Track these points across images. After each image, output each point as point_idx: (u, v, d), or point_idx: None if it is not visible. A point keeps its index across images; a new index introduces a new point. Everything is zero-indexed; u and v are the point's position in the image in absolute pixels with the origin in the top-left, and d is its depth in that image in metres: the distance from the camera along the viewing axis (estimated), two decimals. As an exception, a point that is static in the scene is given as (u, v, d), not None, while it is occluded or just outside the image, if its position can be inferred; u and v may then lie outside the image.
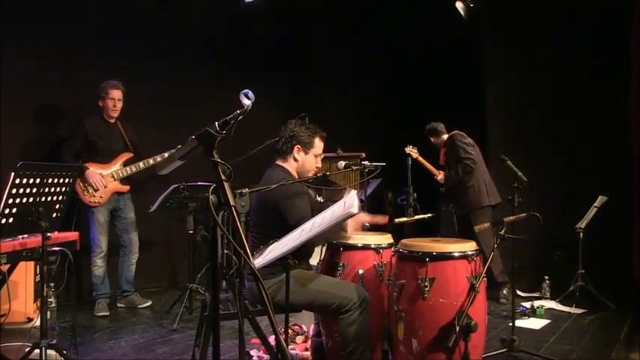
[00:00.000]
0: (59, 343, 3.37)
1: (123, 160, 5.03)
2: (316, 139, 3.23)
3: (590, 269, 5.11)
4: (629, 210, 5.10)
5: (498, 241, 3.29)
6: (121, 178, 4.98)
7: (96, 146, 4.91)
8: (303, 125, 3.22)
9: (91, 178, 4.80)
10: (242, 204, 1.96)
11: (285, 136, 3.22)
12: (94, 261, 4.94)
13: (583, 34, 5.54)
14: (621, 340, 4.17)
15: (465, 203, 5.34)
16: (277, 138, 3.26)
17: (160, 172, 2.06)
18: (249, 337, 3.51)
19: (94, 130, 4.91)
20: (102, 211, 4.95)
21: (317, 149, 3.24)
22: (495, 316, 4.73)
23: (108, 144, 4.97)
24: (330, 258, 3.35)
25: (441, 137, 5.59)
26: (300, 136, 3.19)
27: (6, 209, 2.84)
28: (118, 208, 5.08)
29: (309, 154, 3.21)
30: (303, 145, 3.19)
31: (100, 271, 4.97)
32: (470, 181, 5.27)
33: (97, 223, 4.93)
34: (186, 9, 6.00)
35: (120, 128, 5.06)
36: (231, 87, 3.23)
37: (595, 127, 5.46)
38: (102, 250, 4.97)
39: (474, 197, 5.28)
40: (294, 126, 3.22)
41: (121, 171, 4.97)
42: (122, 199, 5.09)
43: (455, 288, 2.91)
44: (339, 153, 5.40)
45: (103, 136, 4.95)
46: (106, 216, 4.99)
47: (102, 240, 4.96)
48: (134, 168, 4.99)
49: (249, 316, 2.62)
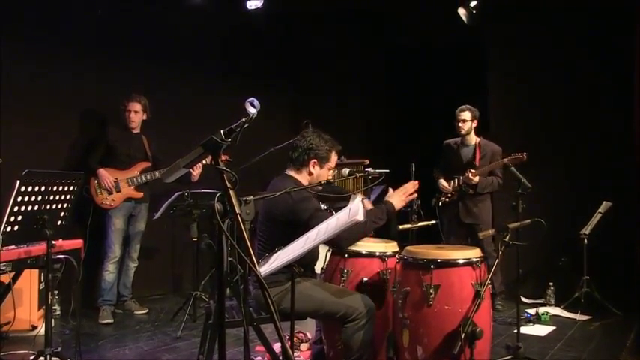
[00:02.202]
0: (64, 351, 3.38)
1: (141, 168, 5.10)
2: (333, 153, 3.18)
3: (594, 275, 5.09)
4: (634, 215, 5.09)
5: (503, 247, 3.29)
6: (136, 185, 5.03)
7: (115, 152, 5.03)
8: (321, 138, 3.14)
9: (102, 179, 4.89)
10: (247, 211, 1.97)
11: (302, 146, 3.13)
12: (106, 266, 4.99)
13: (587, 39, 5.54)
14: (627, 346, 4.15)
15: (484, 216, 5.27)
16: (281, 145, 3.24)
17: (166, 180, 2.07)
18: (253, 344, 3.50)
19: (114, 137, 5.06)
20: (119, 217, 5.01)
21: (332, 163, 3.20)
22: (500, 323, 4.71)
23: (127, 151, 5.07)
24: (334, 264, 3.35)
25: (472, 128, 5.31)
26: (319, 150, 3.11)
27: (11, 217, 2.85)
28: (133, 215, 5.14)
29: (325, 168, 3.16)
30: (320, 160, 3.12)
31: (112, 277, 5.01)
32: None
33: (114, 228, 4.99)
34: (191, 17, 6.03)
35: (143, 139, 5.17)
36: (235, 94, 3.25)
37: (599, 132, 5.46)
38: (115, 256, 5.02)
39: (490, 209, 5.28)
40: (312, 138, 3.12)
41: (136, 178, 5.03)
42: (139, 207, 5.16)
43: (460, 295, 2.90)
44: (343, 160, 5.39)
45: (122, 143, 5.06)
46: (122, 222, 5.05)
47: (117, 246, 5.02)
48: (149, 176, 5.05)
49: (254, 323, 2.62)
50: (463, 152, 5.39)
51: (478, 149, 5.30)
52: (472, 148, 5.34)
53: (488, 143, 5.31)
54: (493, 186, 5.22)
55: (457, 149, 5.42)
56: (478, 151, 5.29)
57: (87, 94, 5.39)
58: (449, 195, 5.37)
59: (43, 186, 2.99)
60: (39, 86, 5.07)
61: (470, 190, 5.25)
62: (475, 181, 5.16)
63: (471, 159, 5.31)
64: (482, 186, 5.21)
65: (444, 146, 5.55)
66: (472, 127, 5.30)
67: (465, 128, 5.28)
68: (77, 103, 5.36)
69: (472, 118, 5.28)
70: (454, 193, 5.34)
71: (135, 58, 5.69)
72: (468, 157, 5.35)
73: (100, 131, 5.20)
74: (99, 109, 5.49)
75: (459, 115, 5.29)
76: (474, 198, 5.26)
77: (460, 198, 5.32)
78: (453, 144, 5.48)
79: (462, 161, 5.35)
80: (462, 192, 5.29)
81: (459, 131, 5.31)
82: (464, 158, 5.36)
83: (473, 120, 5.29)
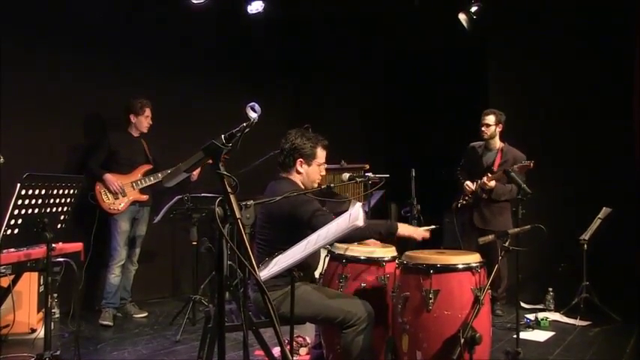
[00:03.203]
0: (63, 354, 3.37)
1: (143, 171, 5.12)
2: (318, 149, 3.17)
3: (594, 281, 5.09)
4: (634, 221, 5.08)
5: (503, 253, 3.29)
6: (140, 188, 5.05)
7: (118, 157, 5.04)
8: (303, 136, 3.15)
9: (109, 183, 4.89)
10: (247, 216, 1.97)
11: (286, 149, 3.16)
12: (112, 269, 4.99)
13: (587, 42, 5.55)
14: (627, 353, 4.14)
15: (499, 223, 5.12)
16: (279, 150, 3.24)
17: (167, 184, 2.07)
18: (252, 348, 3.49)
19: (116, 142, 5.06)
20: (124, 220, 5.03)
21: (320, 159, 3.19)
22: (499, 328, 4.70)
23: (129, 155, 5.09)
24: (332, 270, 3.35)
25: (496, 132, 5.22)
26: (302, 148, 3.13)
27: (11, 220, 2.85)
28: (137, 218, 5.15)
29: (313, 165, 3.17)
30: (306, 158, 3.14)
31: (117, 280, 5.02)
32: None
33: (120, 232, 5.00)
34: (192, 21, 6.04)
35: (143, 143, 5.19)
36: (235, 98, 3.26)
37: (599, 138, 5.46)
38: (122, 259, 5.03)
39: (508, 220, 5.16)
40: (294, 138, 3.15)
41: (140, 180, 5.05)
42: (142, 210, 5.18)
43: (459, 300, 2.90)
44: (343, 165, 5.39)
45: (125, 147, 5.07)
46: (127, 225, 5.06)
47: (123, 249, 5.03)
48: (152, 178, 5.07)
49: (254, 327, 2.62)
50: (485, 156, 5.32)
51: (500, 154, 5.22)
52: (494, 153, 5.27)
53: (511, 149, 5.22)
54: (512, 194, 5.06)
55: (481, 153, 5.35)
56: (499, 157, 5.21)
57: (87, 97, 5.38)
58: (466, 197, 5.30)
59: (44, 189, 2.99)
60: (37, 89, 5.05)
61: (484, 195, 5.18)
62: (490, 186, 5.06)
63: (490, 164, 5.24)
64: (499, 192, 5.11)
65: (469, 148, 5.49)
66: (496, 131, 5.22)
67: (489, 132, 5.21)
68: (76, 106, 5.34)
69: (496, 122, 5.20)
70: (470, 196, 5.27)
71: (136, 61, 5.72)
72: (489, 161, 5.27)
73: (101, 135, 5.20)
74: (99, 112, 5.49)
75: (483, 118, 5.23)
76: (490, 204, 5.19)
77: (476, 203, 5.25)
78: (477, 147, 5.40)
79: (482, 165, 5.28)
80: (477, 196, 5.23)
81: (482, 135, 5.24)
82: (485, 162, 5.29)
83: (497, 124, 5.21)
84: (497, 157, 5.22)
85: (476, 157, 5.38)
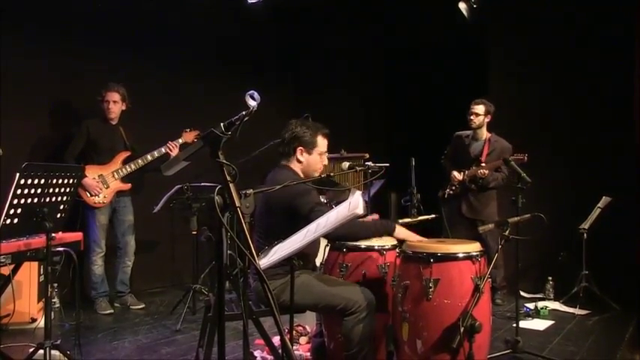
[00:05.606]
0: (63, 344, 3.38)
1: (122, 158, 5.06)
2: (318, 137, 3.18)
3: (594, 270, 5.11)
4: (633, 210, 5.08)
5: (502, 242, 3.29)
6: (122, 177, 5.01)
7: (97, 147, 4.97)
8: (303, 125, 3.16)
9: (90, 189, 4.84)
10: (247, 205, 1.97)
11: (286, 137, 3.17)
12: (94, 260, 4.97)
13: (588, 39, 5.52)
14: (626, 341, 4.16)
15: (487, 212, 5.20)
16: (280, 139, 3.24)
17: (166, 173, 2.07)
18: (252, 337, 3.50)
19: (94, 131, 4.97)
20: (103, 211, 4.98)
21: (321, 147, 3.19)
22: (499, 317, 4.72)
23: (109, 145, 5.02)
24: (333, 259, 3.35)
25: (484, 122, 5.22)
26: (302, 136, 3.13)
27: (11, 210, 2.85)
28: (117, 209, 5.10)
29: (313, 153, 3.17)
30: (306, 146, 3.14)
31: (100, 270, 5.01)
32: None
33: (98, 223, 4.96)
34: (190, 9, 6.01)
35: (121, 131, 5.11)
36: (236, 87, 3.24)
37: (599, 127, 5.44)
38: (102, 250, 5.01)
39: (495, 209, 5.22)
40: (294, 126, 3.16)
41: (121, 169, 5.00)
42: (122, 200, 5.12)
43: (459, 289, 2.90)
44: (343, 154, 5.39)
45: (103, 137, 5.00)
46: (107, 216, 5.02)
47: (103, 241, 5.00)
48: (133, 165, 5.02)
49: (254, 316, 2.62)
50: (472, 146, 5.32)
51: (487, 145, 5.22)
52: (481, 143, 5.27)
53: (499, 139, 5.22)
54: (498, 181, 5.14)
55: (467, 142, 5.35)
56: (487, 147, 5.22)
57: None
58: (453, 187, 5.31)
59: (43, 179, 2.98)
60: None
61: (472, 186, 5.21)
62: (486, 176, 5.10)
63: (478, 154, 5.24)
64: (489, 179, 5.15)
65: (455, 137, 5.47)
66: (484, 121, 5.22)
67: (477, 122, 5.20)
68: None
69: (485, 112, 5.19)
70: (458, 186, 5.29)
71: (132, 51, 5.68)
72: (476, 151, 5.27)
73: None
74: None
75: (472, 107, 5.21)
76: (477, 193, 5.22)
77: (463, 192, 5.27)
78: (464, 136, 5.39)
79: (469, 155, 5.29)
80: (465, 186, 5.24)
81: (470, 124, 5.23)
82: (472, 152, 5.29)
83: (486, 114, 5.20)
84: (485, 148, 5.22)
85: (462, 147, 5.37)
